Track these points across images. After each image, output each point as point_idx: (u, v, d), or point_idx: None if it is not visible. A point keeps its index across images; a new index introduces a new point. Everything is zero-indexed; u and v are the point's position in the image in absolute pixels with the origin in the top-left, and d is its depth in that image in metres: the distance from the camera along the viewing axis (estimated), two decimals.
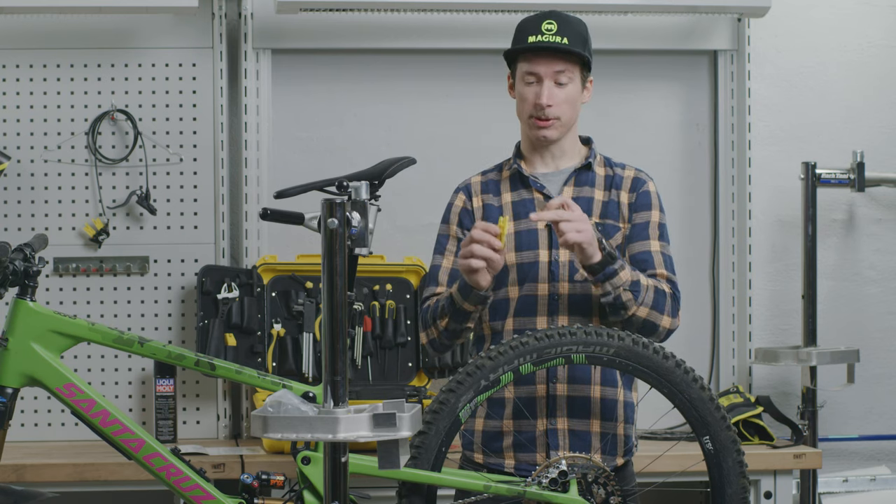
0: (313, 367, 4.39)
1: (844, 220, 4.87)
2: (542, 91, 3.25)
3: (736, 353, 4.74)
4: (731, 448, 3.07)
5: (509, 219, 3.28)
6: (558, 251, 3.25)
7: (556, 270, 3.25)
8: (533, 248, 3.27)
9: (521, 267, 3.26)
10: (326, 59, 4.63)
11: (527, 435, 3.23)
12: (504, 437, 3.25)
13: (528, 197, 3.32)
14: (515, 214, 3.30)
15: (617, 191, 3.33)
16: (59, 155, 4.46)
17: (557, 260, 3.26)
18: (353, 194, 2.60)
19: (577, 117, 3.34)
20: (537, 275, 3.25)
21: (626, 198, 3.33)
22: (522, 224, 3.29)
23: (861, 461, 4.83)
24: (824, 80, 4.84)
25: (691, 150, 4.80)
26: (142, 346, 3.09)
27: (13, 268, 3.08)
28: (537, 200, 3.30)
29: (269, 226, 4.48)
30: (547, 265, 3.26)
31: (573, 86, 3.28)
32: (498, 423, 3.25)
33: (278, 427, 2.35)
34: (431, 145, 4.57)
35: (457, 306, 3.20)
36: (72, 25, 4.45)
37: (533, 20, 3.30)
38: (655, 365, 3.05)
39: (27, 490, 3.26)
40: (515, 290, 3.26)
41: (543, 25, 3.25)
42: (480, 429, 3.29)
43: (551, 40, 3.23)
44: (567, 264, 3.25)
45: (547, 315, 3.25)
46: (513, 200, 3.33)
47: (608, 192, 3.33)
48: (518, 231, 3.29)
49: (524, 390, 3.23)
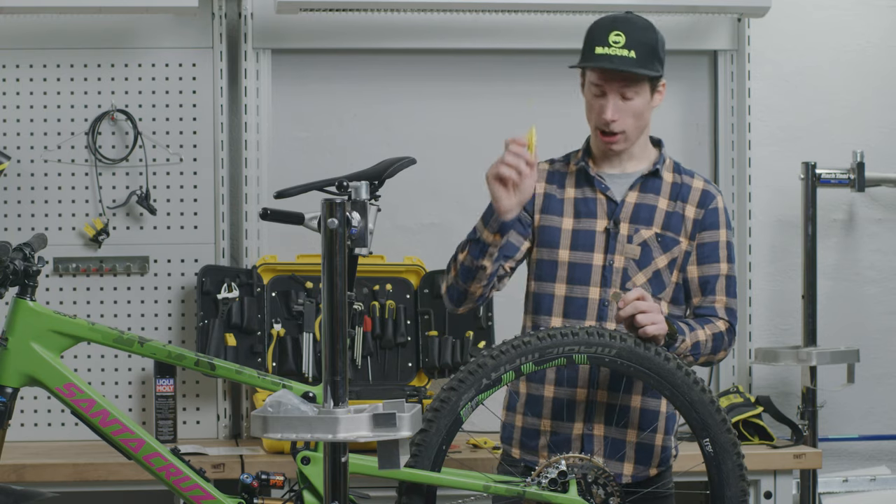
0: (313, 367, 4.39)
1: (844, 220, 4.87)
2: (607, 105, 3.18)
3: (736, 353, 4.74)
4: (730, 451, 3.07)
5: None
6: (613, 256, 3.21)
7: (609, 276, 3.21)
8: (589, 251, 3.23)
9: (572, 266, 3.23)
10: (326, 59, 4.63)
11: (563, 436, 3.21)
12: (541, 436, 3.24)
13: (591, 196, 3.27)
14: (577, 213, 3.25)
15: (683, 203, 3.27)
16: (59, 155, 4.46)
17: (612, 265, 3.22)
18: (353, 194, 2.60)
19: (646, 124, 3.26)
20: (589, 278, 3.22)
21: (692, 212, 3.27)
22: (582, 223, 3.25)
23: (861, 461, 4.83)
24: (824, 80, 4.84)
25: (691, 150, 4.79)
26: (142, 346, 3.09)
27: (13, 267, 3.08)
28: (599, 201, 3.25)
29: (269, 226, 4.48)
30: (601, 269, 3.22)
31: (640, 97, 3.19)
32: (537, 421, 3.24)
33: (278, 427, 2.35)
34: (431, 145, 4.57)
35: (477, 235, 3.13)
36: (72, 25, 4.45)
37: (601, 28, 3.20)
38: (657, 367, 3.05)
39: (27, 490, 3.26)
40: (563, 287, 3.23)
41: (611, 37, 3.16)
42: (520, 424, 3.28)
43: (619, 54, 3.14)
44: (621, 271, 3.21)
45: (596, 320, 3.22)
46: (576, 197, 3.27)
47: (674, 202, 3.26)
48: (577, 230, 3.24)
49: (565, 392, 3.21)
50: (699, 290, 3.28)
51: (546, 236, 3.26)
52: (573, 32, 4.61)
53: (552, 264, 3.23)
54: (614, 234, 3.22)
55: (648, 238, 3.23)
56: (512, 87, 4.68)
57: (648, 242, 3.23)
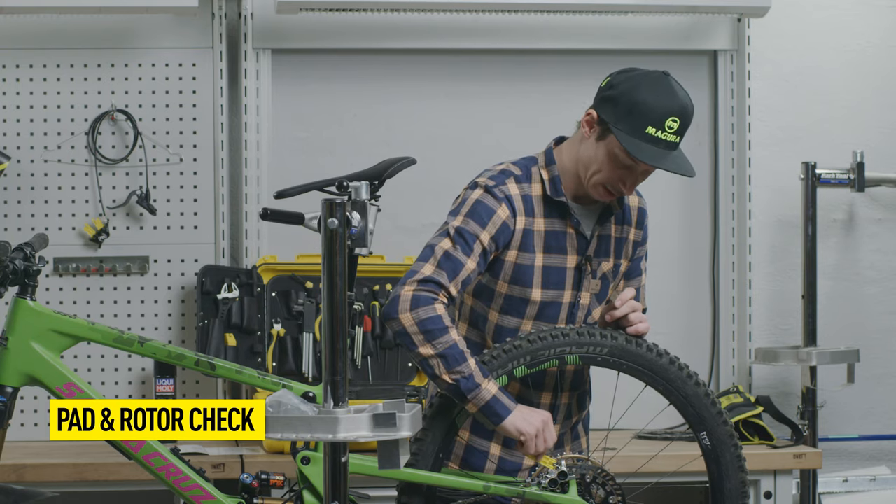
0: (313, 367, 4.39)
1: (844, 220, 4.87)
2: (628, 182, 3.04)
3: (736, 353, 4.74)
4: (728, 443, 3.06)
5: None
6: (580, 293, 3.14)
7: (575, 313, 3.15)
8: (560, 288, 3.12)
9: (543, 305, 3.11)
10: (326, 59, 4.63)
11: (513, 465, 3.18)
12: (487, 461, 3.20)
13: (561, 230, 3.11)
14: (547, 247, 3.10)
15: (628, 227, 3.20)
16: (59, 155, 4.46)
17: (579, 302, 3.15)
18: (353, 194, 2.60)
19: None
20: (557, 315, 3.13)
21: (632, 234, 3.22)
22: (553, 259, 3.11)
23: (861, 461, 4.83)
24: (824, 80, 4.84)
25: (691, 150, 4.74)
26: (142, 345, 3.09)
27: (13, 267, 3.08)
28: (570, 236, 3.11)
29: (269, 226, 4.48)
30: (569, 307, 3.14)
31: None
32: (486, 443, 3.18)
33: (278, 427, 2.35)
34: (431, 145, 4.57)
35: (465, 399, 2.96)
36: (72, 25, 4.45)
37: (662, 107, 2.98)
38: (650, 363, 3.05)
39: (27, 490, 3.26)
40: (530, 324, 3.12)
41: (668, 122, 2.98)
42: (465, 441, 3.19)
43: (669, 139, 2.98)
44: (586, 307, 3.16)
45: None
46: (546, 230, 3.11)
47: (620, 226, 3.20)
48: (547, 266, 3.10)
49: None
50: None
51: (519, 274, 3.09)
52: (573, 32, 4.64)
53: (522, 302, 3.11)
54: (584, 270, 3.13)
55: (607, 271, 3.17)
56: (512, 86, 4.68)
57: (607, 275, 3.17)
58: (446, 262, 2.99)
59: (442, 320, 2.94)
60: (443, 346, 2.93)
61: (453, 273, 2.99)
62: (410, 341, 2.97)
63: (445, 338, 2.94)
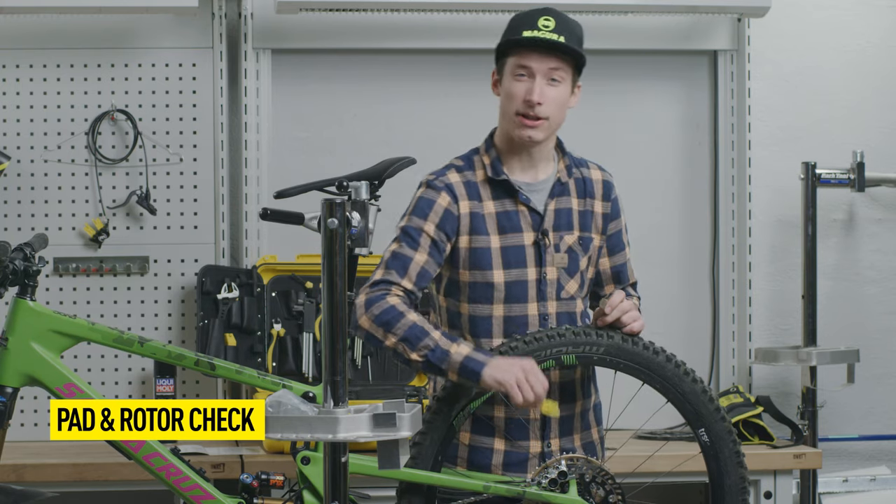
0: (313, 367, 4.39)
1: (844, 220, 4.87)
2: (534, 87, 3.11)
3: (736, 353, 4.74)
4: (726, 438, 3.06)
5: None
6: (545, 269, 3.15)
7: (545, 289, 3.15)
8: (522, 266, 3.13)
9: (508, 285, 3.13)
10: (326, 59, 4.63)
11: (519, 456, 3.16)
12: (493, 455, 3.19)
13: (512, 209, 3.15)
14: (501, 228, 3.14)
15: (591, 199, 3.21)
16: (59, 155, 4.46)
17: (546, 277, 3.15)
18: (353, 194, 2.61)
19: (562, 122, 3.19)
20: (526, 294, 3.13)
21: (599, 207, 3.23)
22: (510, 238, 3.14)
23: (861, 461, 4.83)
24: (824, 80, 4.84)
25: (691, 150, 4.80)
26: (142, 345, 3.09)
27: (13, 267, 3.09)
28: (522, 213, 3.14)
29: (269, 226, 4.48)
30: (536, 283, 3.14)
31: (564, 87, 3.13)
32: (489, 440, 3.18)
33: (278, 427, 2.35)
34: (431, 145, 4.56)
35: (443, 368, 2.98)
36: (72, 25, 4.45)
37: (529, 14, 3.14)
38: (646, 361, 3.05)
39: (27, 490, 3.27)
40: (501, 308, 3.13)
41: (540, 21, 3.12)
42: (466, 442, 3.18)
43: (548, 37, 3.10)
44: (555, 282, 3.15)
45: None
46: (497, 211, 3.15)
47: (583, 199, 3.21)
48: (505, 247, 3.14)
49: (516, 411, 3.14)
50: (612, 280, 3.26)
51: (476, 258, 3.12)
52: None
53: (487, 286, 3.12)
54: (543, 245, 3.14)
55: (572, 243, 3.17)
56: None
57: (573, 248, 3.17)
58: (394, 261, 3.08)
59: (395, 308, 3.01)
60: (402, 329, 2.99)
61: (403, 269, 3.07)
62: (376, 340, 3.03)
63: (402, 322, 2.99)
